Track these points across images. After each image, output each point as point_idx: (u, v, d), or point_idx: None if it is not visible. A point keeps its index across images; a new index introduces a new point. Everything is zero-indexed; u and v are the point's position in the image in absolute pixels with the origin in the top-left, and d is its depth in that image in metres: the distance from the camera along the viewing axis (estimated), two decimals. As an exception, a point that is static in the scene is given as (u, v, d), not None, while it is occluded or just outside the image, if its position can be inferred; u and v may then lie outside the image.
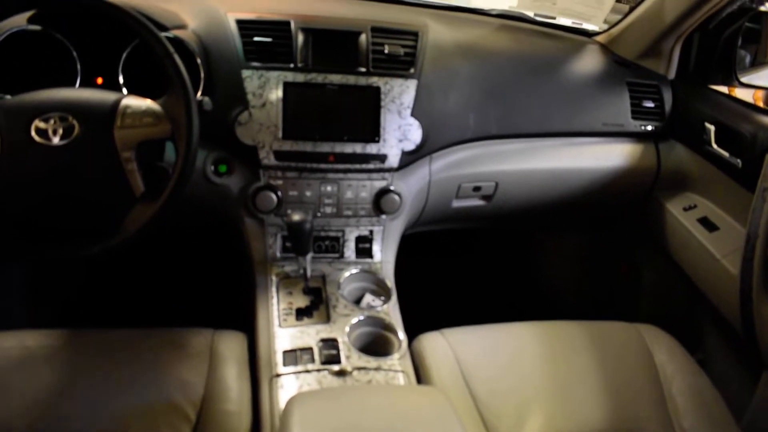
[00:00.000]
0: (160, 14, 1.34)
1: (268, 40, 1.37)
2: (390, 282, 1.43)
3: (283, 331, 1.26)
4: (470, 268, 2.32)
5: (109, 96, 1.11)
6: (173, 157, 1.17)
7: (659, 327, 1.48)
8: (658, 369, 1.35)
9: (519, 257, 2.37)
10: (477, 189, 1.57)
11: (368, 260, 1.48)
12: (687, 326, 1.71)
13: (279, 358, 1.20)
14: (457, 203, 1.60)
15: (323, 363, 1.18)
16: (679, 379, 1.33)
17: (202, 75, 1.32)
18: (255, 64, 1.35)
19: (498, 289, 2.29)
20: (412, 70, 1.42)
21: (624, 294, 1.99)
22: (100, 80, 1.37)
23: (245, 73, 1.35)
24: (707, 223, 1.57)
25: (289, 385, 1.14)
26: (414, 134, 1.41)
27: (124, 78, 1.33)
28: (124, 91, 1.32)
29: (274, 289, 1.37)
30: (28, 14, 1.27)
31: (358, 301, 1.39)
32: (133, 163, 1.09)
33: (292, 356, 1.20)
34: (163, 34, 1.12)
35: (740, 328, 1.41)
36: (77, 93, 1.11)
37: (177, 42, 1.29)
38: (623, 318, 1.49)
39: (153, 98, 1.23)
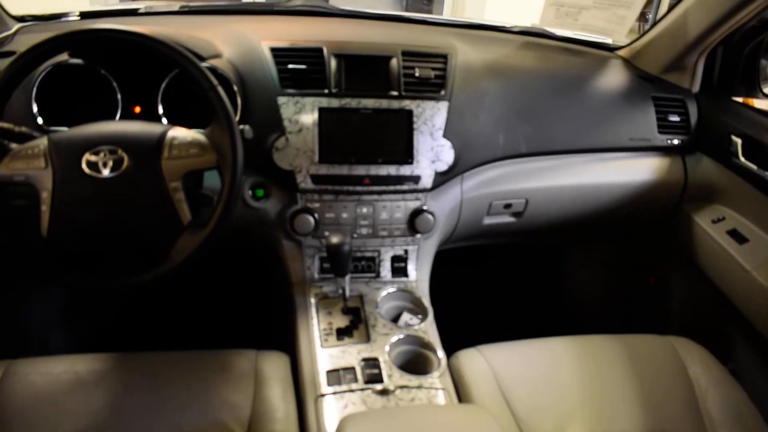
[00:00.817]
0: (196, 44, 1.37)
1: (303, 67, 1.40)
2: (426, 300, 1.46)
3: (325, 351, 1.29)
4: (497, 281, 2.34)
5: (155, 128, 1.14)
6: (213, 183, 1.20)
7: (692, 338, 1.49)
8: (693, 382, 1.36)
9: (546, 270, 2.38)
10: (508, 206, 1.60)
11: (404, 279, 1.51)
12: (718, 338, 1.71)
13: (323, 378, 1.22)
14: (488, 220, 1.62)
15: (366, 382, 1.21)
16: (714, 392, 1.34)
17: (239, 103, 1.36)
18: (290, 90, 1.39)
19: (526, 303, 2.31)
20: (442, 92, 1.45)
21: (652, 306, 2.00)
22: (137, 109, 1.40)
23: (281, 99, 1.38)
24: (736, 235, 1.58)
25: (334, 405, 1.17)
26: (446, 155, 1.43)
27: (163, 108, 1.36)
28: (164, 120, 1.36)
29: (313, 310, 1.39)
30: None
31: (395, 320, 1.41)
32: (180, 193, 1.12)
33: (336, 376, 1.23)
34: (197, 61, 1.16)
35: None
36: (125, 126, 1.14)
37: (214, 71, 1.33)
38: (652, 330, 1.51)
39: (191, 125, 1.27)
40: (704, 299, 1.75)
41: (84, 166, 1.08)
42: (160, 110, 1.36)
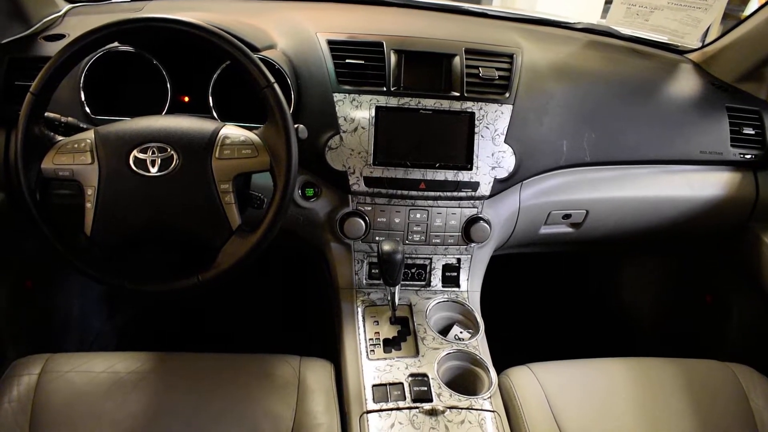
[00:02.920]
0: (251, 34, 1.32)
1: (361, 62, 1.33)
2: (477, 313, 1.39)
3: (372, 363, 1.24)
4: (548, 289, 2.27)
5: (207, 126, 1.08)
6: (261, 181, 1.15)
7: (750, 364, 1.41)
8: (755, 414, 1.29)
9: (598, 281, 2.30)
10: (567, 216, 1.52)
11: (455, 289, 1.45)
12: None
13: (369, 393, 1.17)
14: (545, 230, 1.55)
15: (414, 400, 1.16)
16: None
17: (293, 98, 1.30)
18: (347, 87, 1.32)
19: (576, 314, 2.24)
20: (506, 95, 1.37)
21: (708, 326, 1.92)
22: (186, 98, 1.35)
23: (337, 96, 1.31)
24: (808, 260, 1.49)
25: (380, 423, 1.12)
26: (507, 162, 1.36)
27: (213, 99, 1.30)
28: (214, 113, 1.30)
29: (360, 318, 1.34)
30: None
31: (444, 332, 1.36)
32: (230, 195, 1.07)
33: (382, 391, 1.18)
34: (256, 56, 1.10)
35: None
36: (176, 122, 1.09)
37: (268, 64, 1.26)
38: (707, 352, 1.43)
39: (243, 119, 1.21)
40: (766, 324, 1.67)
41: (131, 163, 1.04)
42: (211, 102, 1.30)
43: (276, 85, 1.07)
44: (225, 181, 1.06)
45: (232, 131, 1.09)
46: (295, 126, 1.12)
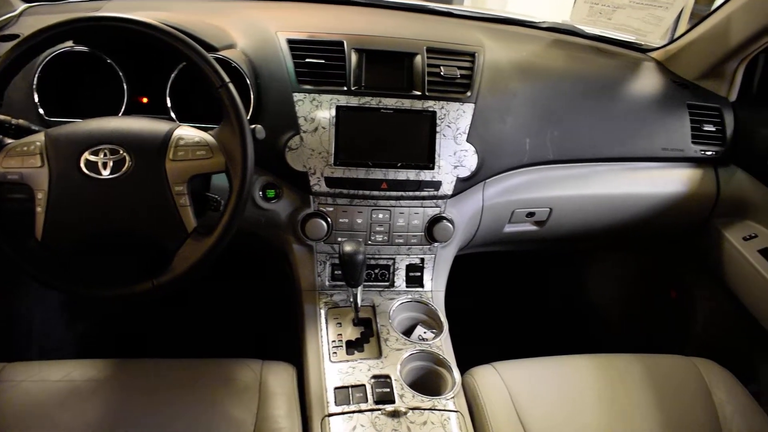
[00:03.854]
0: (210, 33, 1.30)
1: (321, 61, 1.32)
2: (441, 313, 1.39)
3: (334, 366, 1.22)
4: (513, 288, 2.27)
5: (161, 127, 1.06)
6: (222, 183, 1.13)
7: (713, 357, 1.43)
8: (717, 408, 1.31)
9: (564, 279, 2.31)
10: (531, 215, 1.52)
11: (419, 289, 1.44)
12: (741, 358, 1.65)
13: (331, 396, 1.16)
14: (509, 228, 1.55)
15: (377, 402, 1.15)
16: (740, 421, 1.29)
17: (253, 98, 1.28)
18: (307, 87, 1.31)
19: (542, 312, 2.24)
20: (468, 93, 1.36)
21: (673, 321, 1.93)
22: (144, 99, 1.33)
23: (297, 96, 1.30)
24: (769, 255, 1.51)
25: (341, 427, 1.11)
26: (469, 160, 1.35)
27: (171, 100, 1.28)
28: (173, 114, 1.28)
29: (322, 320, 1.33)
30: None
31: (407, 332, 1.35)
32: (185, 197, 1.04)
33: (344, 394, 1.17)
34: (212, 55, 1.08)
35: None
36: (128, 123, 1.06)
37: (226, 64, 1.25)
38: (672, 346, 1.44)
39: (203, 120, 1.19)
40: (729, 318, 1.69)
41: (83, 165, 1.01)
42: (168, 103, 1.28)
43: (231, 85, 1.05)
44: (179, 183, 1.04)
45: (187, 132, 1.07)
46: (253, 126, 1.10)
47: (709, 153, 1.58)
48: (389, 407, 1.13)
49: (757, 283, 1.50)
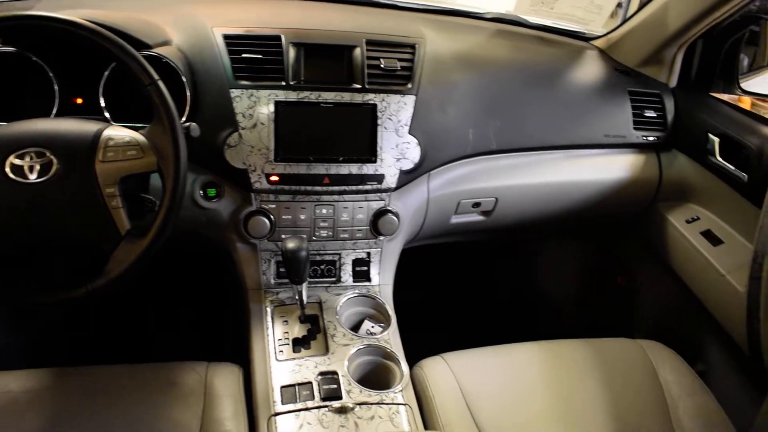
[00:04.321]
0: (142, 30, 1.26)
1: (258, 56, 1.30)
2: (389, 307, 1.38)
3: (281, 364, 1.21)
4: (463, 280, 2.28)
5: (89, 127, 1.03)
6: (159, 185, 1.11)
7: (660, 340, 1.45)
8: (664, 388, 1.33)
9: (514, 268, 2.33)
10: (476, 205, 1.53)
11: (366, 284, 1.44)
12: (687, 339, 1.68)
13: (277, 395, 1.15)
14: (455, 219, 1.55)
15: (323, 399, 1.14)
16: (686, 400, 1.31)
17: (189, 96, 1.25)
18: (244, 82, 1.28)
19: (493, 302, 2.25)
20: (409, 85, 1.36)
21: (621, 306, 1.96)
22: (79, 100, 1.29)
23: (234, 92, 1.28)
24: (711, 237, 1.53)
25: (288, 426, 1.10)
26: (412, 153, 1.35)
27: (105, 100, 1.25)
28: (107, 114, 1.25)
29: (269, 318, 1.31)
30: None
31: (356, 328, 1.34)
32: (117, 199, 1.02)
33: (291, 392, 1.15)
34: (145, 52, 1.05)
35: (746, 346, 1.38)
36: (55, 125, 1.03)
37: (161, 61, 1.22)
38: (621, 331, 1.46)
39: (139, 120, 1.16)
40: (675, 300, 1.71)
41: (8, 170, 0.97)
42: (102, 103, 1.24)
43: (160, 82, 1.03)
44: (110, 184, 1.01)
45: (117, 132, 1.04)
46: (187, 124, 1.08)
47: (650, 138, 1.60)
48: (336, 404, 1.12)
49: (700, 264, 1.53)
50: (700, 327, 1.65)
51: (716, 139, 1.51)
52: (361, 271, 1.44)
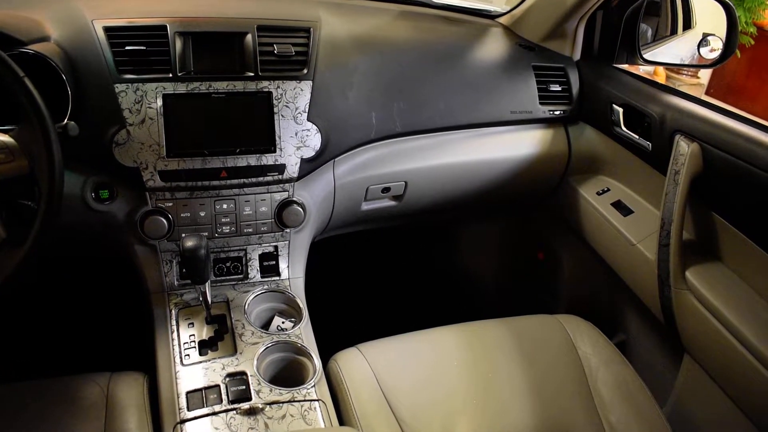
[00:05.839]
0: (16, 26, 1.18)
1: (142, 48, 1.23)
2: (300, 300, 1.34)
3: (187, 369, 1.16)
4: (380, 269, 2.25)
5: None
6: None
7: (581, 314, 1.46)
8: (582, 361, 1.34)
9: (434, 252, 2.31)
10: (386, 190, 1.50)
11: (275, 278, 1.39)
12: (607, 312, 1.70)
13: (183, 401, 1.10)
14: (366, 206, 1.52)
15: (232, 401, 1.09)
16: (604, 371, 1.32)
17: (70, 94, 1.18)
18: (129, 76, 1.22)
19: (412, 290, 2.23)
20: (305, 71, 1.31)
21: (543, 283, 1.97)
22: None
23: (119, 87, 1.21)
24: (621, 207, 1.55)
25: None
26: (313, 140, 1.31)
27: None
28: None
29: (173, 322, 1.26)
30: None
31: (266, 325, 1.30)
32: None
33: (198, 397, 1.11)
34: (20, 50, 0.98)
35: (659, 313, 1.40)
36: None
37: (38, 59, 1.14)
38: (544, 308, 1.46)
39: (10, 123, 1.09)
40: (593, 274, 1.73)
41: None
42: None
43: (27, 80, 0.95)
44: None
45: None
46: (64, 123, 1.01)
47: (557, 112, 1.60)
48: (245, 405, 1.08)
49: (612, 236, 1.54)
50: (619, 298, 1.67)
51: (620, 110, 1.52)
52: (269, 266, 1.39)
